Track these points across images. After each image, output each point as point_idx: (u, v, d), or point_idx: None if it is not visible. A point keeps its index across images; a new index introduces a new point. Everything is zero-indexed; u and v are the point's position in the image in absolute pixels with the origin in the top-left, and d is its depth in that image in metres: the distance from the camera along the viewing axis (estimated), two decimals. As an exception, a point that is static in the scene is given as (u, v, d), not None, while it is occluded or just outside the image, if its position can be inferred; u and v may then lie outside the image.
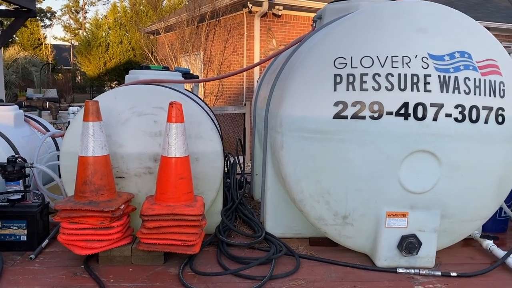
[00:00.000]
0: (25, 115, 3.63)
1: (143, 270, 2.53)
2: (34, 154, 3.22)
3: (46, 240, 2.81)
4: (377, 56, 2.47)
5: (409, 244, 2.56)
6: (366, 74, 2.46)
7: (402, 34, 2.49)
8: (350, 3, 3.20)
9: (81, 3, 56.36)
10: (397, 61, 2.46)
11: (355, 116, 2.46)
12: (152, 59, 14.50)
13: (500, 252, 2.75)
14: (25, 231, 2.72)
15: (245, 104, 12.40)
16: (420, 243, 2.58)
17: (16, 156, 2.84)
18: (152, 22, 19.42)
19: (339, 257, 2.76)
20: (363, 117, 2.45)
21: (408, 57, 2.46)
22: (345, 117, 2.47)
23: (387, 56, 2.47)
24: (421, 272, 2.55)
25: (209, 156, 2.90)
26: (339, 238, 2.72)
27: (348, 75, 2.48)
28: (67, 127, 4.46)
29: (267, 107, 3.07)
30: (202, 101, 3.78)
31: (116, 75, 33.57)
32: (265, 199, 3.11)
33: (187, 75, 3.80)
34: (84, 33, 41.19)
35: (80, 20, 57.20)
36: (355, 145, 2.48)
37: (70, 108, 4.48)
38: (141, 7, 33.45)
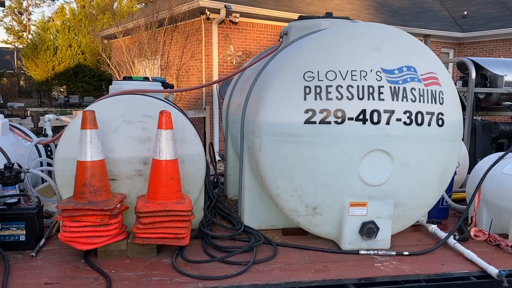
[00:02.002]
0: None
1: (139, 261, 2.83)
2: (23, 160, 3.41)
3: (43, 240, 3.02)
4: (339, 71, 2.91)
5: (368, 229, 3.02)
6: (331, 86, 2.90)
7: (360, 52, 2.95)
8: (312, 21, 3.65)
9: (24, 4, 54.08)
10: (356, 75, 2.91)
11: (322, 122, 2.88)
12: (110, 64, 14.45)
13: (442, 234, 3.27)
14: (24, 232, 2.93)
15: (204, 109, 12.71)
16: (378, 228, 3.04)
17: (12, 162, 3.04)
18: (108, 26, 19.23)
19: (310, 244, 3.17)
20: (329, 122, 2.89)
21: (365, 71, 2.92)
22: (314, 122, 2.89)
23: (347, 71, 2.91)
24: (379, 253, 3.02)
25: (193, 158, 3.23)
26: (310, 227, 3.13)
27: (316, 86, 2.90)
28: (44, 134, 4.63)
29: (243, 114, 3.45)
30: (178, 108, 4.09)
31: (66, 79, 32.63)
32: (242, 196, 3.48)
33: (164, 84, 4.10)
34: (30, 36, 39.71)
35: (24, 22, 54.90)
36: (323, 146, 2.91)
37: (46, 116, 4.64)
38: (91, 10, 32.75)
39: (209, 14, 12.25)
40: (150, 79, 3.91)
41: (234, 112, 3.98)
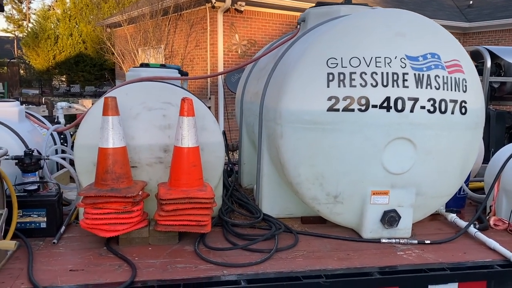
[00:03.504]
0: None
1: (161, 249, 2.82)
2: (41, 147, 3.38)
3: (63, 226, 3.01)
4: (363, 57, 2.88)
5: (390, 218, 3.01)
6: (355, 73, 2.86)
7: (384, 38, 2.91)
8: (331, 8, 3.60)
9: (24, -8, 53.66)
10: (380, 61, 2.88)
11: (345, 109, 2.86)
12: (114, 53, 14.36)
13: (462, 223, 3.25)
14: (45, 219, 2.92)
15: (209, 98, 12.66)
16: (399, 217, 3.03)
17: (32, 149, 3.02)
18: (112, 14, 19.06)
19: (329, 232, 3.16)
20: (352, 110, 2.86)
21: (389, 57, 2.89)
22: (337, 110, 2.86)
23: (371, 57, 2.88)
24: (400, 241, 3.01)
25: (212, 146, 3.20)
26: (330, 216, 3.12)
27: (339, 73, 2.87)
28: (56, 122, 4.60)
29: (262, 101, 3.42)
30: (195, 96, 4.05)
31: (67, 68, 32.45)
32: (261, 184, 3.46)
33: (179, 72, 4.06)
34: (30, 25, 39.45)
35: (24, 10, 54.51)
36: (346, 134, 2.88)
37: (58, 104, 4.61)
38: (92, -2, 32.46)
39: (214, 2, 12.15)
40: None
41: (250, 100, 3.95)
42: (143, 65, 3.53)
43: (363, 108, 2.85)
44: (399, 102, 2.87)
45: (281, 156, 3.03)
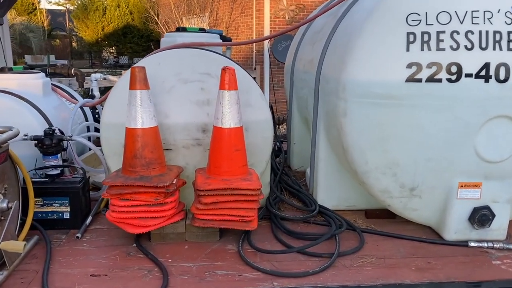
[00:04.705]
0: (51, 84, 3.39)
1: (199, 247, 2.38)
2: (67, 125, 3.00)
3: (90, 217, 2.64)
4: (456, 11, 2.22)
5: (482, 216, 2.40)
6: (443, 32, 2.22)
7: (484, -14, 2.23)
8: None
9: (74, -36, 54.48)
10: (478, 17, 2.22)
11: (430, 79, 2.23)
12: (158, 22, 14.00)
13: None
14: (68, 208, 2.55)
15: (255, 68, 12.07)
16: (493, 215, 2.41)
17: (53, 128, 2.63)
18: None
19: (401, 230, 2.60)
20: (439, 80, 2.23)
21: (490, 12, 2.22)
22: (419, 80, 2.24)
23: (466, 11, 2.22)
24: (495, 245, 2.40)
25: (259, 125, 2.68)
26: (404, 211, 2.55)
27: (423, 33, 2.23)
28: (90, 95, 4.24)
29: (319, 71, 2.84)
30: (240, 65, 3.52)
31: (115, 40, 32.76)
32: (316, 170, 2.92)
33: (221, 37, 3.53)
34: (80, -3, 39.99)
35: (74, -17, 55.45)
36: (430, 111, 2.27)
37: (93, 75, 4.23)
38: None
39: (261, -35, 11.38)
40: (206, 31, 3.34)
41: (304, 69, 3.37)
42: (180, 29, 3.02)
43: (453, 77, 2.21)
44: (502, 70, 2.21)
45: (344, 139, 2.47)
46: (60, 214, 2.55)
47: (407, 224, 2.65)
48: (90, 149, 3.44)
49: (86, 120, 3.56)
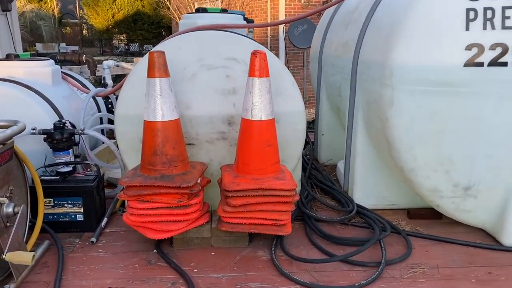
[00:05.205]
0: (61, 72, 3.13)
1: (227, 254, 2.13)
2: (78, 117, 2.76)
3: (105, 218, 2.40)
4: (525, -17, 1.91)
5: (548, 220, 2.11)
6: (510, 7, 1.91)
7: (560, -47, 1.90)
8: None
9: (84, -49, 54.07)
10: (552, -11, 1.90)
11: (493, 63, 1.94)
12: (170, 7, 13.65)
13: None
14: (81, 209, 2.31)
15: (270, 54, 11.68)
16: (561, 219, 2.12)
17: (64, 121, 2.38)
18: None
19: (450, 233, 2.33)
20: (505, 64, 1.94)
21: None
22: (481, 64, 1.95)
23: (538, -17, 1.90)
24: (561, 252, 2.11)
25: (290, 117, 2.41)
26: (455, 212, 2.26)
27: (485, 9, 1.93)
28: (102, 84, 3.98)
29: (356, 54, 2.54)
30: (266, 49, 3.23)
31: (125, 27, 32.48)
32: (353, 165, 2.64)
33: (245, 19, 3.23)
34: (90, -17, 39.67)
35: (84, -31, 55.09)
36: (493, 100, 1.98)
37: (105, 62, 3.97)
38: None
39: None
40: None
41: (335, 54, 3.06)
42: (200, 10, 2.73)
43: (521, 61, 1.91)
44: None
45: (389, 132, 2.18)
46: (73, 216, 2.31)
47: (456, 226, 2.37)
48: (103, 142, 3.20)
49: (99, 110, 3.31)
